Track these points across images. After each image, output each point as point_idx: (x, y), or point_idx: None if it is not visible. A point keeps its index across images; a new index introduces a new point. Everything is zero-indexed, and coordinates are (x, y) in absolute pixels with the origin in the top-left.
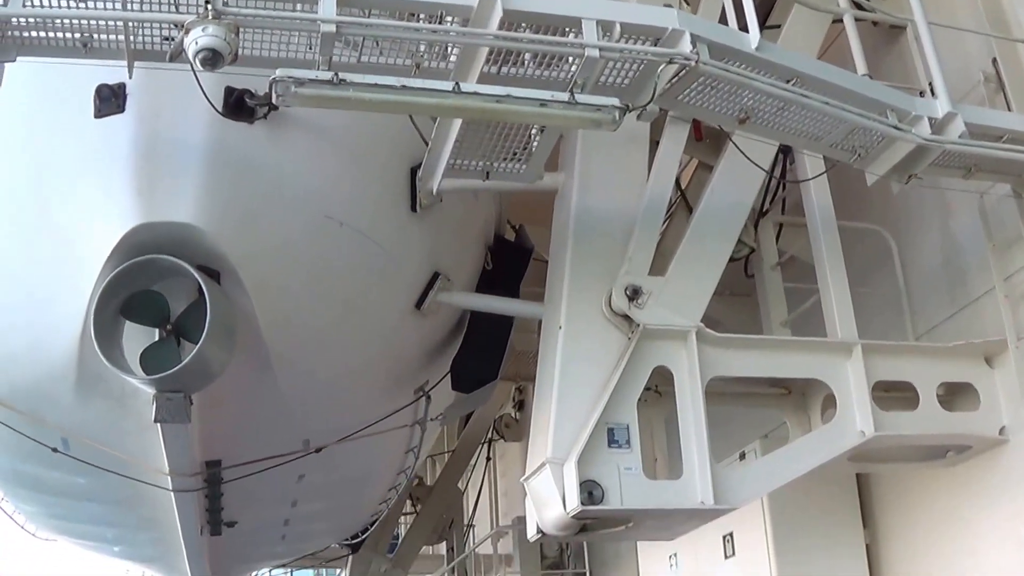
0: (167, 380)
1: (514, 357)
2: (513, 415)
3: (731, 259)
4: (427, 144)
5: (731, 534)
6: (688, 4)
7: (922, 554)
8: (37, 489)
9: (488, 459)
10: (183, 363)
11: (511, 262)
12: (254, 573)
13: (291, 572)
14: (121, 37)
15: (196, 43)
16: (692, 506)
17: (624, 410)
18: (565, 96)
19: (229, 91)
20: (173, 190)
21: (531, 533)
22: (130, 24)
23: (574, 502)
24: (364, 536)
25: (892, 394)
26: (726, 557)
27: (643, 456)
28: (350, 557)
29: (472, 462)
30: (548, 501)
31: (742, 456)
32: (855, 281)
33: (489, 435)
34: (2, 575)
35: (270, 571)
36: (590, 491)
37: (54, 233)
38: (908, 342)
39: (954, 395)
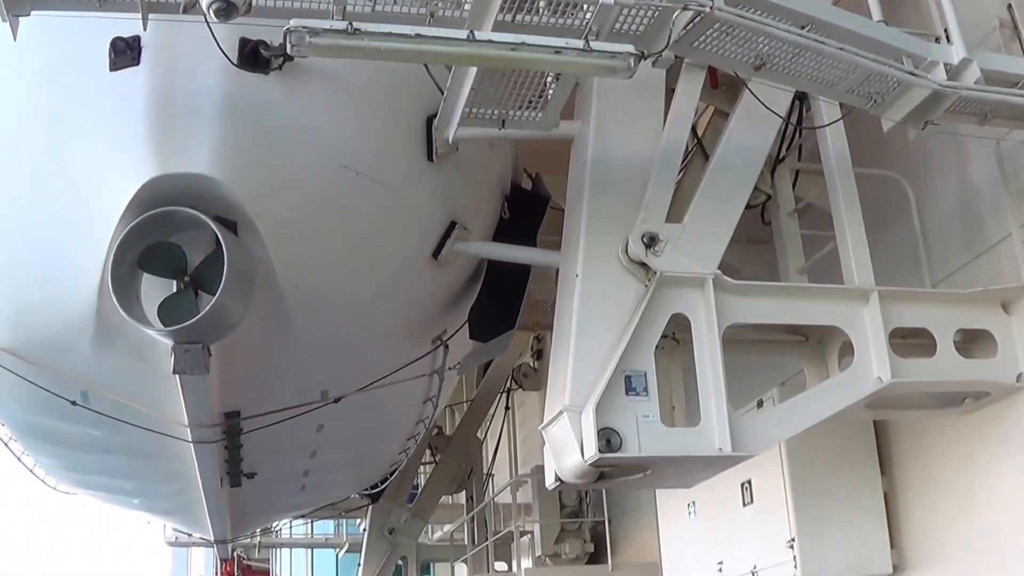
0: (185, 331)
1: (532, 306)
2: (531, 364)
3: (748, 206)
4: (443, 93)
5: (749, 481)
6: None
7: (940, 501)
8: (56, 442)
9: (507, 408)
10: (201, 314)
11: (528, 211)
12: (275, 524)
13: (311, 523)
14: None
15: None
16: (710, 453)
17: (642, 358)
18: (580, 43)
19: (244, 42)
20: (189, 142)
21: (549, 481)
22: None
23: (592, 450)
24: (383, 486)
25: (909, 341)
26: (744, 505)
27: (661, 404)
28: (370, 507)
29: (491, 411)
30: (566, 449)
31: (760, 404)
32: (872, 228)
33: (508, 384)
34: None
35: (290, 522)
36: (608, 439)
37: (71, 186)
38: (925, 289)
39: (971, 342)
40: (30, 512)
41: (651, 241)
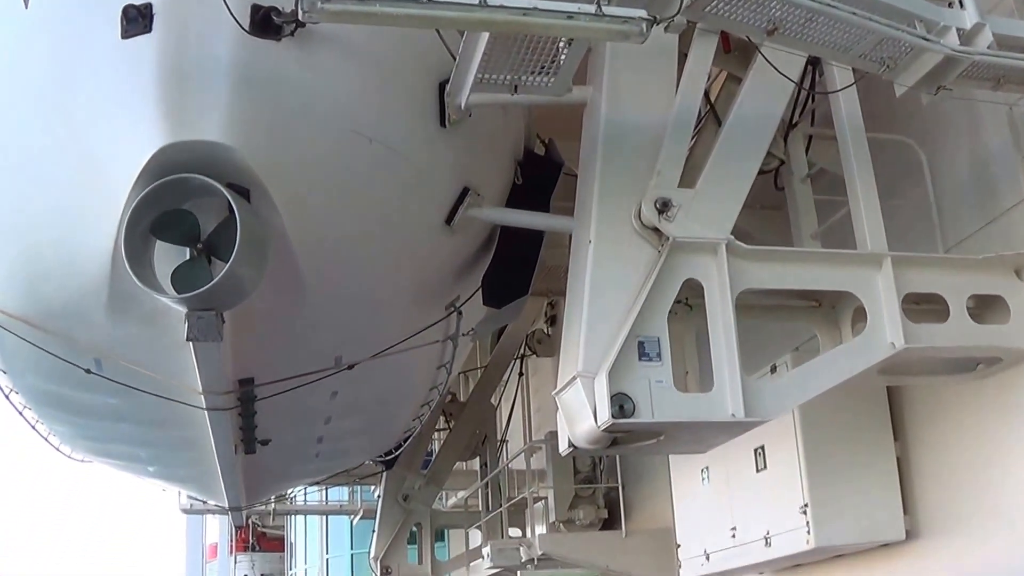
0: (198, 298)
1: (545, 272)
2: (545, 331)
3: (761, 171)
4: (454, 59)
5: (762, 447)
6: None
7: (953, 466)
8: (70, 411)
9: (520, 375)
10: (214, 281)
11: (541, 177)
12: (289, 491)
13: (325, 490)
14: None
15: None
16: (723, 419)
17: (655, 323)
18: (592, 8)
19: (255, 9)
20: (201, 109)
21: (563, 447)
22: None
23: (605, 415)
24: (398, 452)
25: (922, 306)
26: (757, 471)
27: (674, 370)
28: (384, 474)
29: (505, 378)
30: (579, 415)
31: (773, 370)
32: (885, 194)
33: (521, 351)
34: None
35: (304, 489)
36: (621, 404)
37: (83, 155)
38: (938, 254)
39: (984, 308)
40: (45, 481)
41: (664, 206)
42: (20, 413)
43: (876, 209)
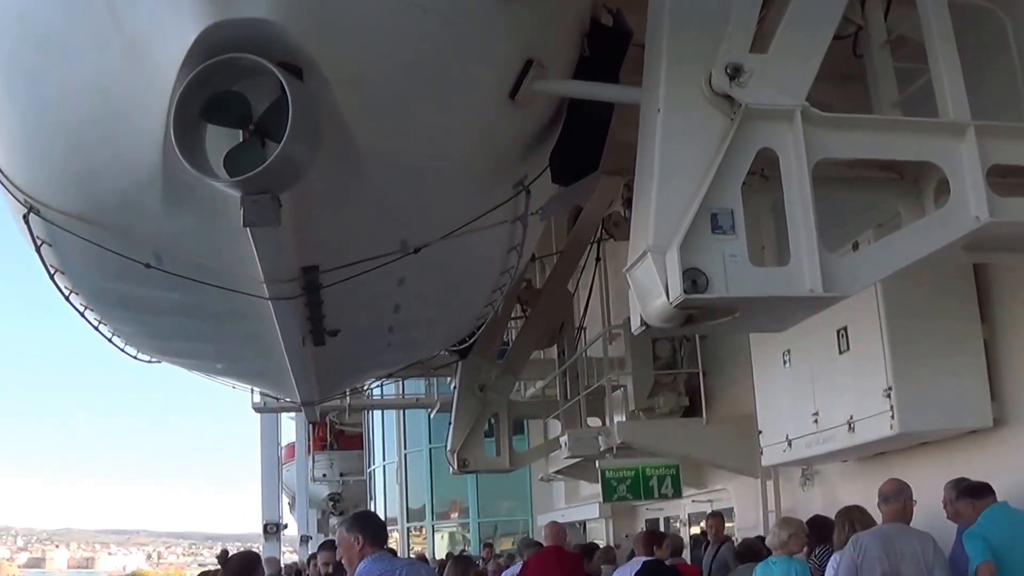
0: (252, 181)
1: (621, 149)
2: (622, 213)
3: (837, 37)
4: None
5: (845, 328)
6: None
7: None
8: (133, 308)
9: (598, 260)
10: (267, 163)
11: (609, 48)
12: (363, 385)
13: (401, 383)
14: None
15: None
16: (801, 294)
17: (728, 194)
18: None
19: None
20: None
21: (635, 326)
22: None
23: (677, 291)
24: (471, 341)
25: (1008, 180)
26: (840, 352)
27: (749, 243)
28: (459, 364)
29: (581, 263)
30: (651, 291)
31: (855, 247)
32: (967, 63)
33: (598, 235)
34: None
35: (382, 383)
36: (694, 279)
37: (126, 40)
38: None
39: None
40: (122, 382)
41: (735, 72)
42: (81, 314)
43: (959, 76)
